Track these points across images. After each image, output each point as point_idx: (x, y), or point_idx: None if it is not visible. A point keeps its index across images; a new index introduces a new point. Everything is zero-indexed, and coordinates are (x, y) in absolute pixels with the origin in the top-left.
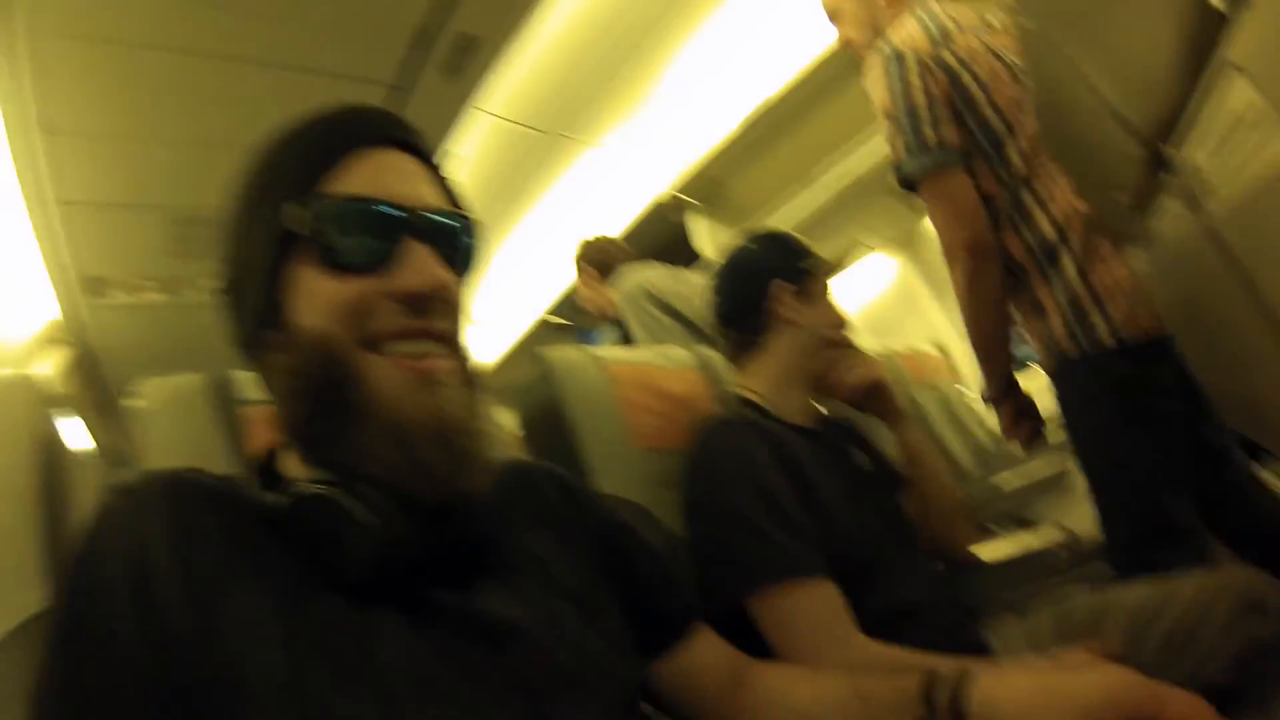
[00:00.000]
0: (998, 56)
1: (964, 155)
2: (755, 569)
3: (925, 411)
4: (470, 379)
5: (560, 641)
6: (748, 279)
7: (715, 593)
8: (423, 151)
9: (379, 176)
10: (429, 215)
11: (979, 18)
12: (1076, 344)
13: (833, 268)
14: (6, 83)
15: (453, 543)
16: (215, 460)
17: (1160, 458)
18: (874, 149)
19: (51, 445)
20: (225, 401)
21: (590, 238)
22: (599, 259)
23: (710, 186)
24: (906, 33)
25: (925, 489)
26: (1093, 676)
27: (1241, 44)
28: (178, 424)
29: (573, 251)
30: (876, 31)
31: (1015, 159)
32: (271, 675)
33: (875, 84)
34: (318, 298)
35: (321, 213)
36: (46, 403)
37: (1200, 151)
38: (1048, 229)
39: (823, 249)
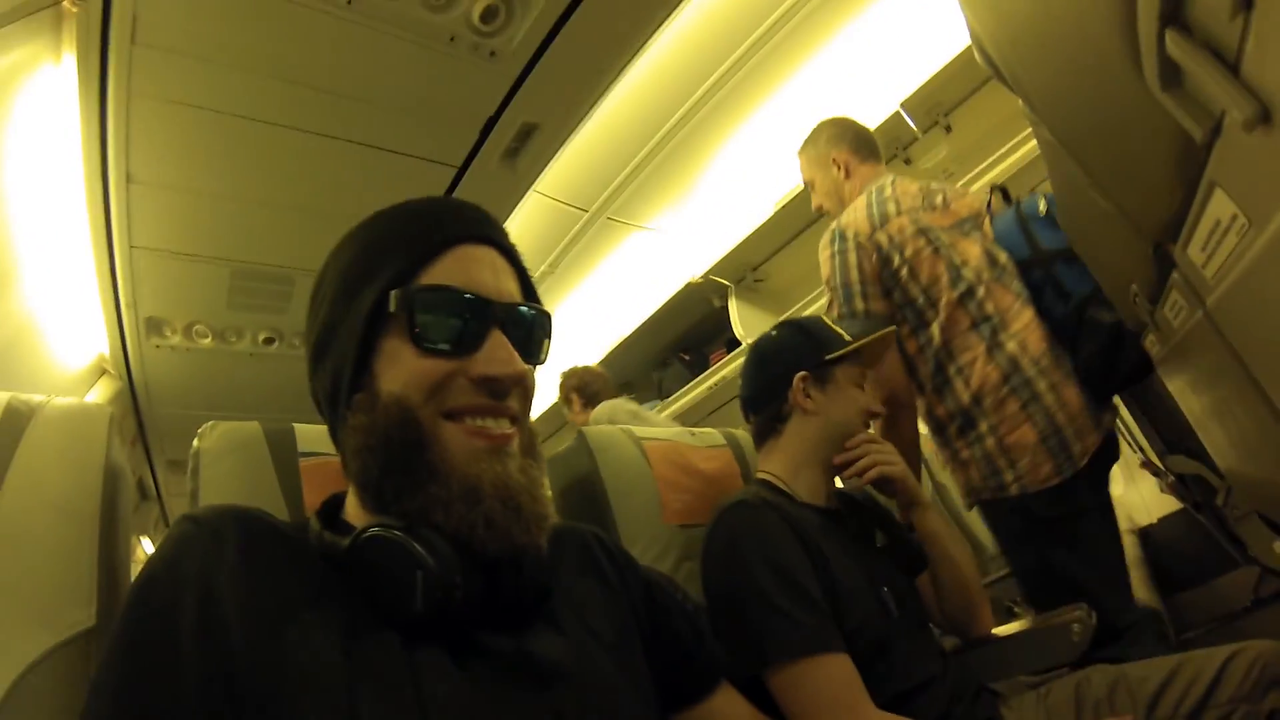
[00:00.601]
0: (925, 235)
1: (888, 323)
2: (772, 645)
3: (949, 493)
4: (532, 450)
5: (598, 686)
6: (769, 368)
7: (733, 668)
8: (509, 248)
9: (470, 270)
10: (511, 307)
11: (922, 196)
12: (990, 492)
13: (865, 354)
14: (95, 132)
15: (508, 591)
16: (271, 505)
17: (1086, 571)
18: None
19: (116, 472)
20: (284, 451)
21: (577, 367)
22: (585, 387)
23: (748, 270)
24: (853, 214)
25: (944, 573)
26: None
27: (1216, 163)
28: (236, 467)
29: (560, 379)
30: (842, 203)
31: (935, 332)
32: (328, 703)
33: (822, 254)
34: (404, 370)
35: (419, 301)
36: (114, 432)
37: (1197, 252)
38: (965, 398)
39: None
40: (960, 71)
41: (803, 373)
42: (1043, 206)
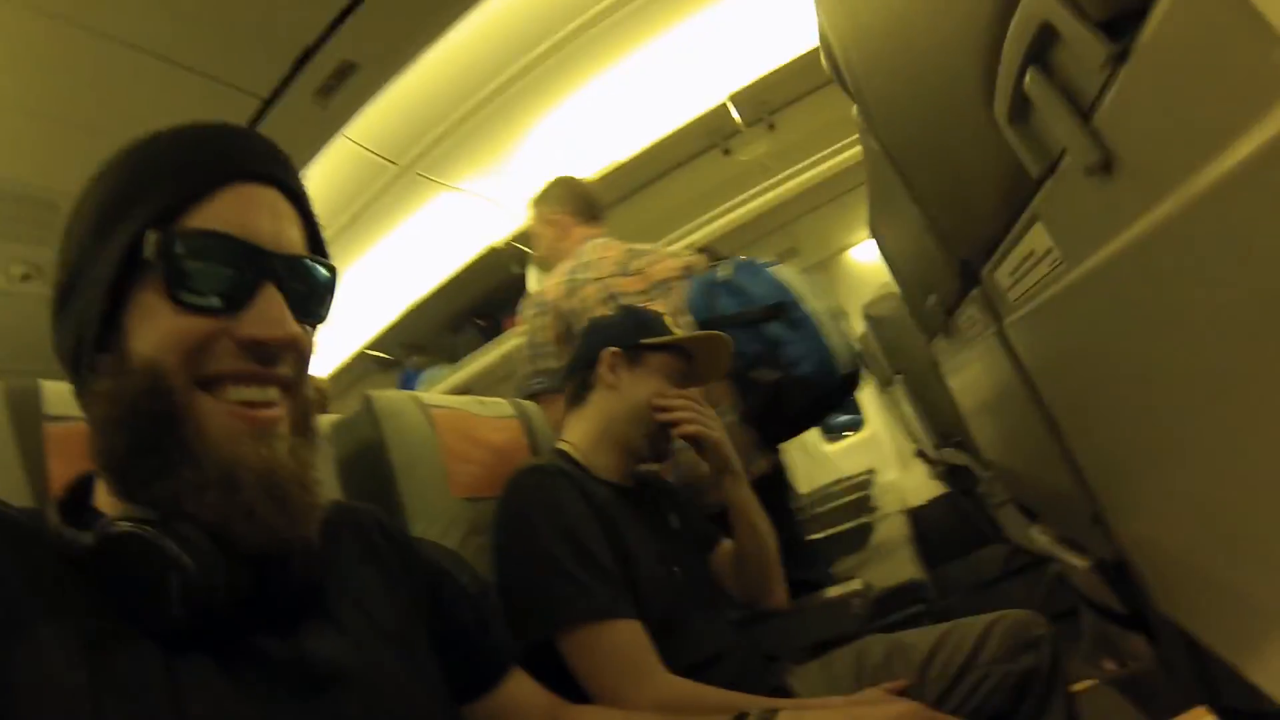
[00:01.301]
0: (611, 301)
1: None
2: (564, 609)
3: None
4: (304, 426)
5: (383, 684)
6: (589, 338)
7: (524, 632)
8: (297, 191)
9: (247, 213)
10: (290, 260)
11: (624, 260)
12: None
13: (696, 361)
14: None
15: (276, 589)
16: (9, 480)
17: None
18: (717, 223)
19: None
20: (28, 414)
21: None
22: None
23: None
24: (551, 281)
25: (746, 542)
26: (884, 709)
27: (1043, 199)
28: None
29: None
30: (559, 257)
31: None
32: None
33: (524, 313)
34: (159, 329)
35: (179, 246)
36: None
37: (1005, 276)
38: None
39: None
40: (792, 74)
41: (614, 348)
42: (723, 273)
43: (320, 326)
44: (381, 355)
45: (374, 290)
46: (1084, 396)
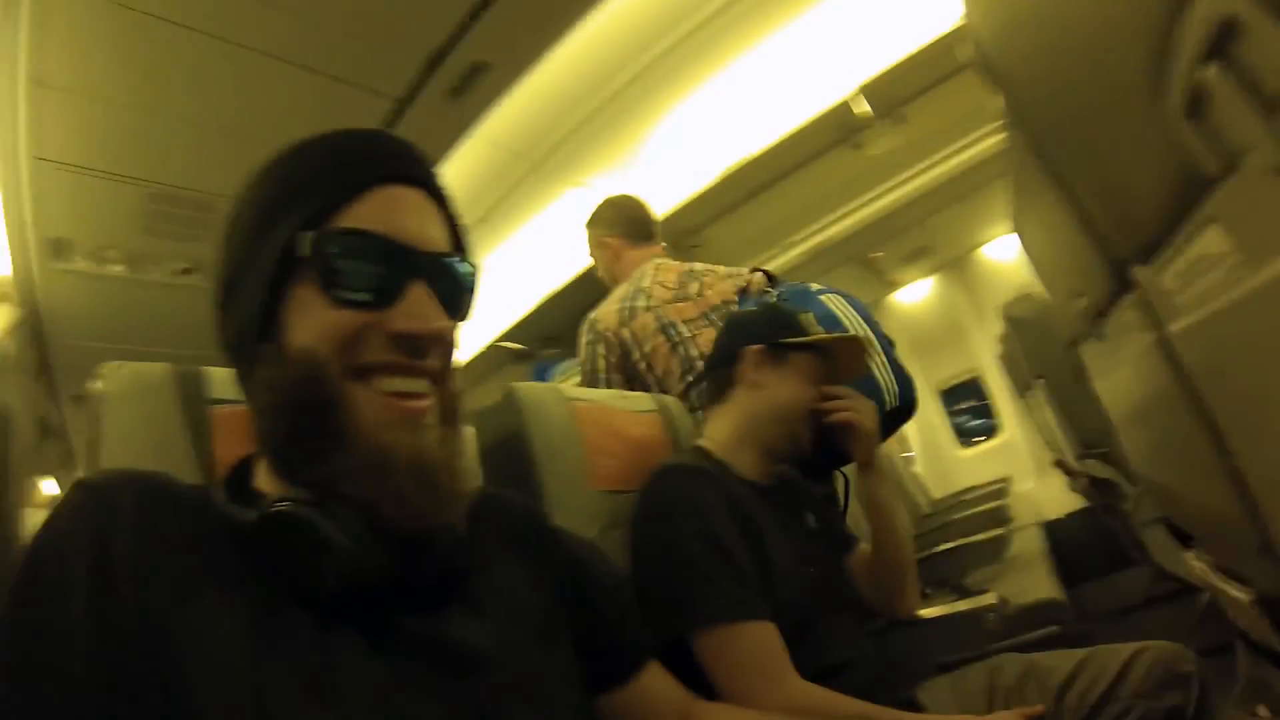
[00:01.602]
0: (665, 332)
1: None
2: (700, 608)
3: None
4: (451, 416)
5: (522, 671)
6: (731, 334)
7: (658, 629)
8: (440, 192)
9: (394, 214)
10: (436, 258)
11: (679, 284)
12: None
13: (836, 360)
14: (3, 26)
15: (422, 572)
16: (178, 458)
17: None
18: (847, 220)
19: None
20: (195, 397)
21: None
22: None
23: (685, 234)
24: (605, 308)
25: (883, 541)
26: None
27: (1221, 200)
28: (141, 413)
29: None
30: (615, 280)
31: None
32: (232, 689)
33: (580, 339)
34: (315, 322)
35: (333, 245)
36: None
37: (1172, 280)
38: None
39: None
40: (921, 65)
41: (757, 346)
42: (774, 300)
43: (462, 322)
44: (515, 347)
45: (507, 283)
46: (1260, 413)
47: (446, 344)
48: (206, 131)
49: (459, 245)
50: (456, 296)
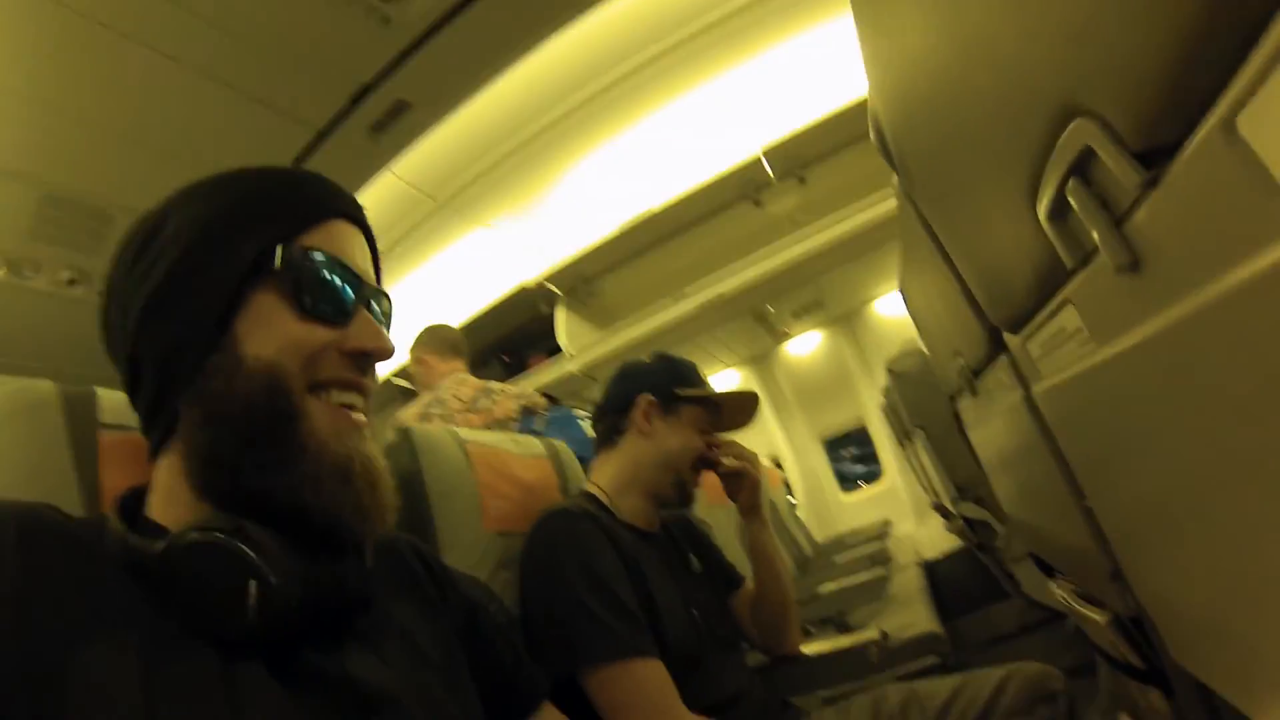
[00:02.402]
0: None
1: None
2: (588, 648)
3: (778, 512)
4: (374, 434)
5: (427, 711)
6: (625, 383)
7: (549, 669)
8: (370, 233)
9: (345, 246)
10: (374, 290)
11: (475, 397)
12: None
13: (724, 414)
14: None
15: (332, 599)
16: (59, 485)
17: None
18: (743, 274)
19: None
20: (82, 420)
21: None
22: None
23: (581, 281)
24: (410, 410)
25: (766, 585)
26: None
27: (1076, 286)
28: (20, 435)
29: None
30: (428, 389)
31: None
32: None
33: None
34: (280, 333)
35: (307, 260)
36: None
37: (1036, 347)
38: None
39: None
40: (825, 130)
41: (649, 396)
42: (539, 425)
43: None
44: (406, 385)
45: (402, 321)
46: (1108, 461)
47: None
48: (113, 138)
49: (378, 281)
50: (385, 327)
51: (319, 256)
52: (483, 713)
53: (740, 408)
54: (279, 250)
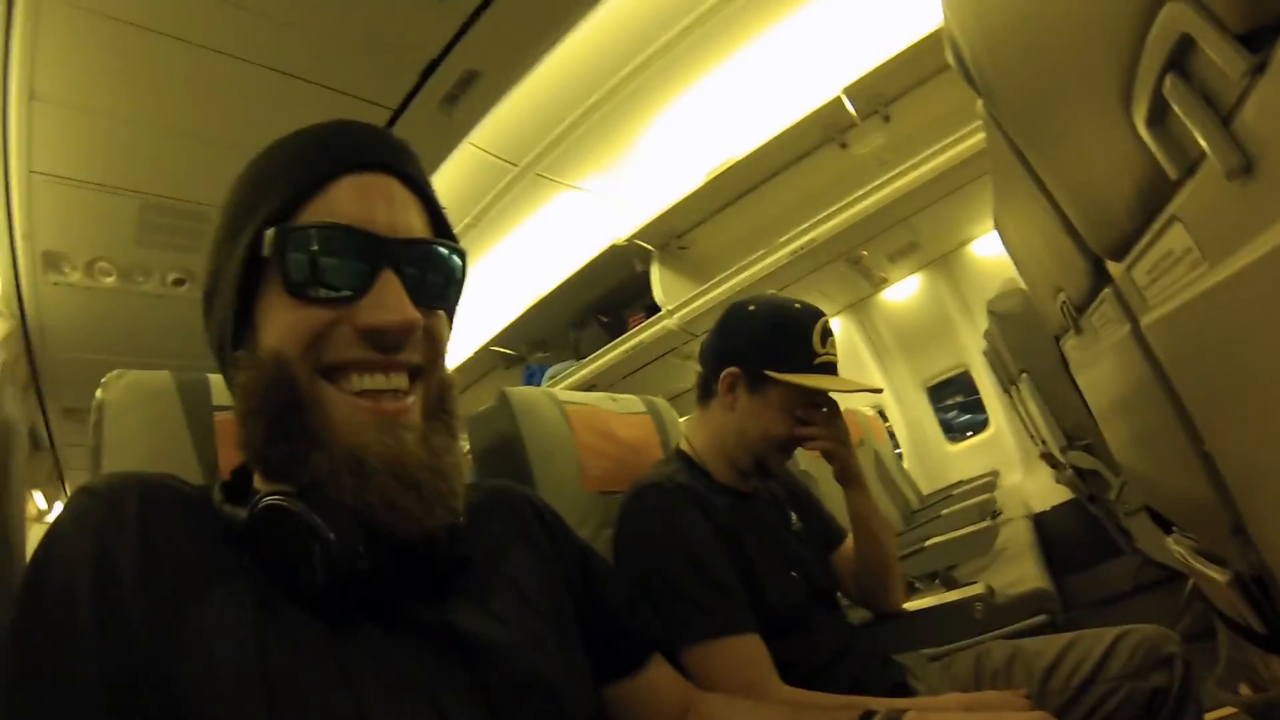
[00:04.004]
0: None
1: None
2: (683, 628)
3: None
4: (440, 410)
5: (532, 658)
6: (723, 338)
7: None
8: (413, 176)
9: (361, 203)
10: (409, 245)
11: None
12: None
13: (817, 392)
14: None
15: (424, 568)
16: (182, 465)
17: None
18: (834, 220)
19: (7, 426)
20: (198, 404)
21: None
22: None
23: (673, 237)
24: None
25: (866, 550)
26: (1011, 717)
27: (1183, 201)
28: (144, 421)
29: None
30: None
31: None
32: (242, 685)
33: None
34: (281, 322)
35: (291, 241)
36: (6, 381)
37: (1143, 275)
38: None
39: None
40: (905, 64)
41: (735, 369)
42: None
43: (453, 311)
44: (505, 351)
45: (498, 288)
46: (1227, 400)
47: (430, 335)
48: (200, 142)
49: (441, 231)
50: (436, 284)
51: (307, 233)
52: (592, 663)
53: (843, 389)
54: (269, 235)
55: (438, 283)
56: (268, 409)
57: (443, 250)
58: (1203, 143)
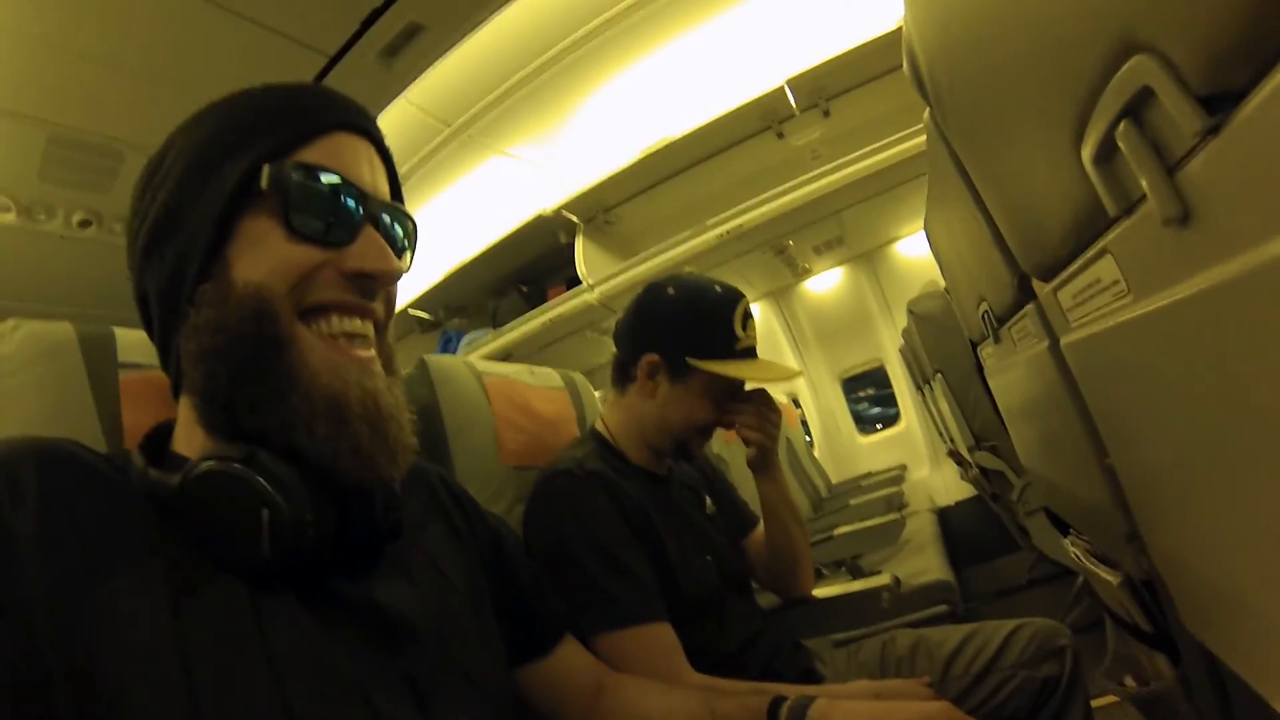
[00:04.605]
0: None
1: None
2: (592, 618)
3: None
4: (391, 366)
5: (453, 639)
6: (642, 321)
7: None
8: (384, 146)
9: (348, 160)
10: (386, 206)
11: None
12: None
13: (731, 386)
14: None
15: (359, 528)
16: (81, 425)
17: None
18: (764, 208)
19: None
20: (102, 360)
21: None
22: None
23: (600, 210)
24: None
25: (777, 537)
26: (917, 707)
27: (1117, 236)
28: (41, 377)
29: None
30: None
31: None
32: (155, 667)
33: None
34: (269, 256)
35: (297, 179)
36: None
37: (1068, 297)
38: None
39: None
40: (852, 62)
41: (654, 356)
42: None
43: (403, 272)
44: (423, 315)
45: (420, 251)
46: (1133, 419)
47: (389, 294)
48: (118, 72)
49: (397, 197)
50: (400, 247)
51: (310, 172)
52: (505, 642)
53: (766, 377)
54: (266, 169)
55: (401, 246)
56: (241, 345)
57: (407, 218)
58: (1146, 189)
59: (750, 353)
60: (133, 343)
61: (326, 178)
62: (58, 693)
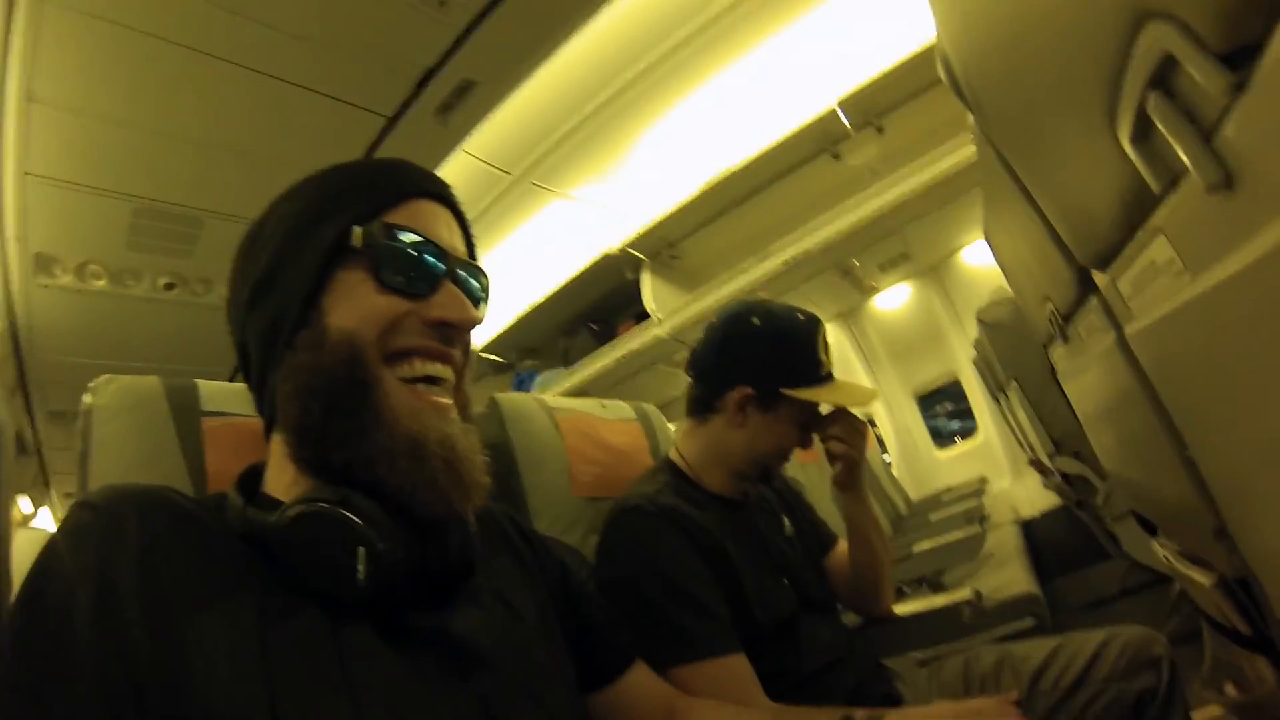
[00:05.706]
0: None
1: None
2: (664, 653)
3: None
4: (467, 414)
5: (522, 665)
6: (728, 353)
7: None
8: (459, 210)
9: (430, 223)
10: (463, 263)
11: None
12: None
13: (815, 410)
14: None
15: (439, 562)
16: (169, 470)
17: None
18: (826, 229)
19: None
20: (187, 410)
21: None
22: None
23: (664, 246)
24: None
25: (860, 555)
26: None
27: (1166, 214)
28: (132, 427)
29: None
30: None
31: None
32: (243, 696)
33: None
34: (360, 305)
35: (385, 238)
36: None
37: (1127, 285)
38: None
39: None
40: (899, 77)
41: (748, 390)
42: None
43: (479, 324)
44: (495, 359)
45: (492, 296)
46: (1209, 406)
47: (468, 340)
48: (195, 147)
49: (473, 257)
50: (476, 300)
51: (396, 232)
52: (575, 669)
53: (854, 400)
54: (357, 230)
55: (477, 297)
56: (333, 385)
57: (482, 274)
58: (1184, 158)
59: (831, 376)
60: (213, 393)
61: (410, 237)
62: (158, 705)
